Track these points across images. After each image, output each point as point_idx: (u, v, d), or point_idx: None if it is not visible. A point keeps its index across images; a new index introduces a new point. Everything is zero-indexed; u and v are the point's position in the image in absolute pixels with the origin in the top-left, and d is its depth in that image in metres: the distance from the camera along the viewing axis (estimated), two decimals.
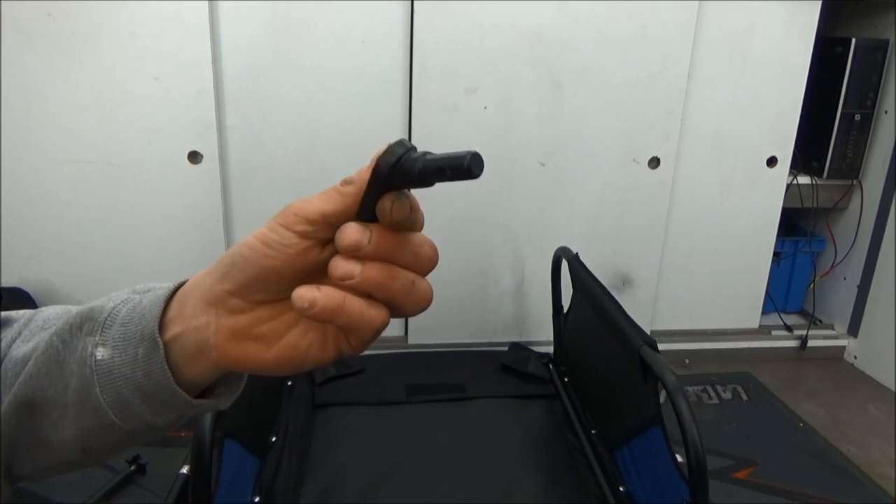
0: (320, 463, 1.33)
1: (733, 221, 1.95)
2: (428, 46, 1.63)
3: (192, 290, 0.36)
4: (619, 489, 1.24)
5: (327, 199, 0.33)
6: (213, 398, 0.39)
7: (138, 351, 0.35)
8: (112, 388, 0.36)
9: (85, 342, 0.36)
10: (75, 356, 0.36)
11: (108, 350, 0.35)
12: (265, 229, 0.33)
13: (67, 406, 0.37)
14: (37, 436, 0.38)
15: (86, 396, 0.36)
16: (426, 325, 1.88)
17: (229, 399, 0.40)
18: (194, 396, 0.37)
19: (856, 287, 2.03)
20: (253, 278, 0.34)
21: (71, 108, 1.56)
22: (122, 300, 0.37)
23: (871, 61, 1.87)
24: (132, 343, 0.35)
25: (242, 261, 0.34)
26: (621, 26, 1.69)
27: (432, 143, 0.36)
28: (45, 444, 0.39)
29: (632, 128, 1.78)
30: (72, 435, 0.37)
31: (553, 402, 1.58)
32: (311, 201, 0.33)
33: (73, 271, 1.68)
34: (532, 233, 1.85)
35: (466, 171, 0.30)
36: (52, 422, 0.37)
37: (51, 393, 0.37)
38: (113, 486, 1.35)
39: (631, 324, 1.20)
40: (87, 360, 0.35)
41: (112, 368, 0.35)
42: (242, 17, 1.59)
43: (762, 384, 1.91)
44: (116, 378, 0.35)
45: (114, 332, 0.36)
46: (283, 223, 0.33)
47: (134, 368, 0.35)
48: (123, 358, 0.35)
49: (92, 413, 0.36)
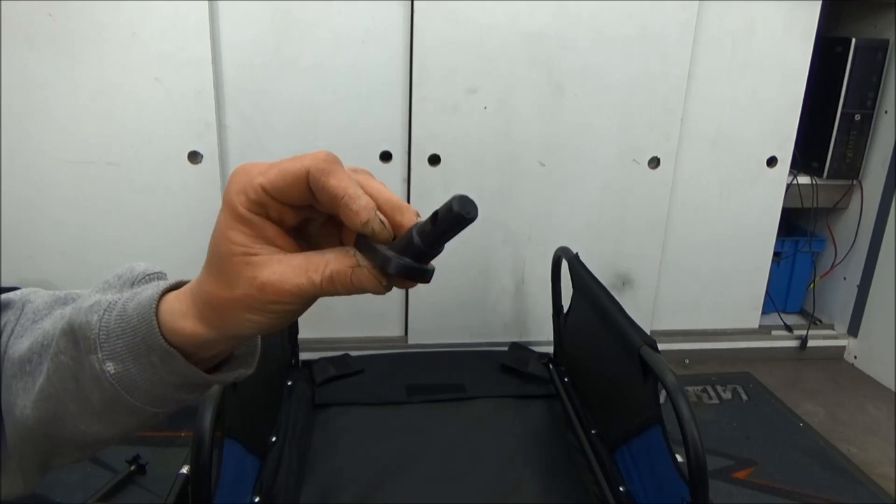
0: (320, 463, 1.33)
1: (733, 221, 1.95)
2: (428, 46, 1.63)
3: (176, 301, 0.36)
4: (619, 489, 1.24)
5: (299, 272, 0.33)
6: (235, 367, 0.40)
7: (152, 359, 0.35)
8: (142, 391, 0.36)
9: (90, 360, 0.36)
10: (86, 373, 0.36)
11: (119, 364, 0.35)
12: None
13: (96, 414, 0.38)
14: (69, 440, 0.40)
15: (117, 403, 0.37)
16: (426, 325, 1.88)
17: (253, 361, 0.40)
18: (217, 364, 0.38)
19: (856, 287, 2.03)
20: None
21: (71, 108, 1.56)
22: (104, 308, 0.36)
23: (871, 61, 1.87)
24: (141, 354, 0.35)
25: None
26: (621, 26, 1.69)
27: (432, 143, 0.36)
28: (81, 445, 0.41)
29: (632, 128, 1.78)
30: (111, 433, 0.39)
31: (553, 402, 1.58)
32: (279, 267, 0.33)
33: (73, 271, 1.68)
34: (532, 233, 1.85)
35: (457, 215, 0.30)
36: (81, 430, 0.39)
37: (74, 407, 0.38)
38: (113, 486, 1.35)
39: (631, 324, 1.20)
40: (100, 376, 0.36)
41: (133, 377, 0.36)
42: (242, 17, 1.59)
43: (762, 384, 1.91)
44: (142, 384, 0.36)
45: (113, 345, 0.35)
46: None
47: (156, 373, 0.36)
48: (139, 367, 0.36)
49: (130, 413, 0.37)
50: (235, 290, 0.33)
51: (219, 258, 0.33)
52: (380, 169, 1.73)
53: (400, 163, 1.75)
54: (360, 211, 0.31)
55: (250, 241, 0.33)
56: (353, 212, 0.31)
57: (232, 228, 0.33)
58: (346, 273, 0.32)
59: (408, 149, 1.73)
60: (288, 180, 0.32)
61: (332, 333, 1.87)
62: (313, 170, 0.31)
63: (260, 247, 0.33)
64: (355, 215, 0.31)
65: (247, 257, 0.33)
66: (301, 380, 1.61)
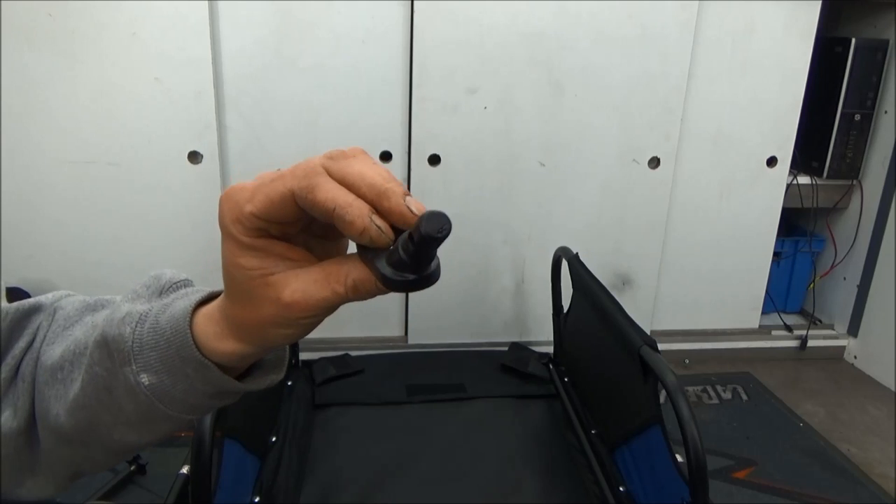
0: (320, 463, 1.33)
1: (733, 221, 1.95)
2: (428, 46, 1.63)
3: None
4: (619, 489, 1.24)
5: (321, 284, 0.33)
6: (266, 373, 0.40)
7: (187, 371, 0.36)
8: (176, 401, 0.37)
9: (124, 372, 0.36)
10: (120, 384, 0.37)
11: (153, 375, 0.36)
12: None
13: (130, 424, 0.38)
14: (103, 447, 0.41)
15: (151, 413, 0.37)
16: (426, 325, 1.88)
17: (283, 366, 0.41)
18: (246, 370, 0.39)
19: (856, 287, 2.03)
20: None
21: (71, 108, 1.56)
22: (136, 320, 0.36)
23: (871, 61, 1.87)
24: (175, 366, 0.36)
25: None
26: (621, 26, 1.69)
27: (432, 143, 0.36)
28: (114, 452, 0.42)
29: (632, 128, 1.78)
30: (145, 441, 0.40)
31: (553, 402, 1.58)
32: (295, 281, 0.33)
33: (73, 271, 1.68)
34: (532, 233, 1.85)
35: (427, 237, 0.29)
36: (115, 439, 0.39)
37: (107, 417, 0.38)
38: (113, 486, 1.35)
39: (631, 324, 1.20)
40: (135, 388, 0.36)
41: (167, 388, 0.36)
42: (242, 18, 1.59)
43: (762, 384, 1.91)
44: (177, 394, 0.36)
45: (147, 357, 0.36)
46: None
47: (191, 384, 0.36)
48: (174, 379, 0.36)
49: (165, 421, 0.38)
50: (262, 311, 0.33)
51: (237, 285, 0.33)
52: None
53: (400, 163, 1.75)
54: (354, 221, 0.30)
55: (262, 263, 0.33)
56: (348, 223, 0.30)
57: (241, 256, 0.33)
58: (371, 281, 0.32)
59: (408, 149, 1.73)
60: (276, 205, 0.31)
61: (332, 333, 1.87)
62: (297, 189, 0.30)
63: (274, 265, 0.33)
64: (350, 226, 0.30)
65: (264, 279, 0.32)
66: (301, 380, 1.61)
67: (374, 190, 0.31)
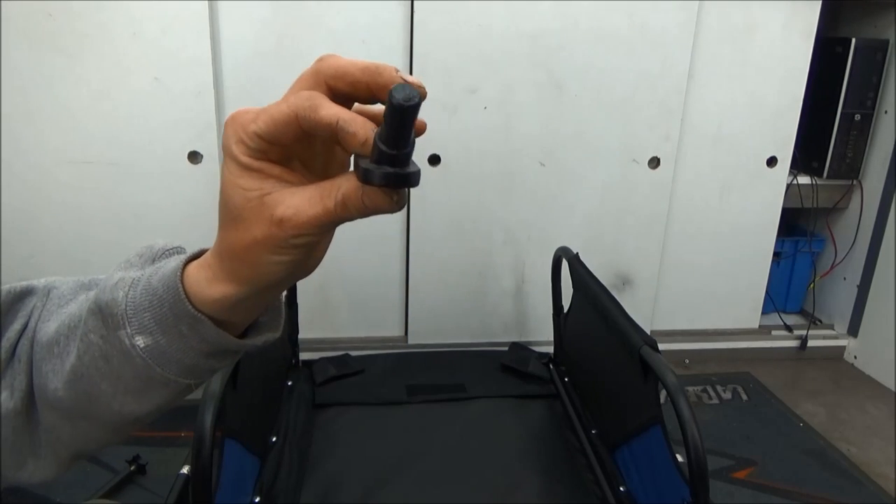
0: (320, 463, 1.33)
1: (733, 221, 1.95)
2: (428, 46, 1.63)
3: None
4: (620, 489, 1.24)
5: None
6: (262, 331, 0.40)
7: (181, 329, 0.36)
8: (173, 362, 0.37)
9: (119, 337, 0.36)
10: (116, 349, 0.37)
11: (148, 337, 0.36)
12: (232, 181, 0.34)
13: (129, 391, 0.38)
14: (104, 421, 0.41)
15: (149, 378, 0.37)
16: (426, 325, 1.88)
17: (279, 325, 0.41)
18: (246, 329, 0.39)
19: (856, 287, 2.03)
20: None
21: (71, 108, 1.56)
22: (128, 284, 0.37)
23: (871, 61, 1.87)
24: (169, 324, 0.36)
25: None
26: (621, 26, 1.69)
27: (432, 143, 0.36)
28: (115, 426, 0.41)
29: (632, 128, 1.78)
30: (145, 410, 0.40)
31: (553, 402, 1.58)
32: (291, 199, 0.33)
33: (73, 271, 1.66)
34: (532, 233, 1.85)
35: (399, 107, 0.30)
36: (115, 410, 0.39)
37: (106, 385, 0.38)
38: (113, 486, 1.35)
39: (631, 324, 1.20)
40: (130, 351, 0.36)
41: (163, 349, 0.36)
42: (242, 17, 1.59)
43: (762, 384, 1.91)
44: (173, 354, 0.36)
45: (141, 318, 0.36)
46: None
47: (186, 343, 0.36)
48: (169, 339, 0.36)
49: (163, 387, 0.38)
50: (256, 232, 0.33)
51: (234, 207, 0.34)
52: None
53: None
54: (357, 132, 0.31)
55: (261, 183, 0.33)
56: (351, 134, 0.31)
57: (240, 177, 0.33)
58: (358, 194, 0.32)
59: None
60: (280, 126, 0.32)
61: (332, 333, 1.87)
62: (300, 110, 0.32)
63: (271, 186, 0.33)
64: (353, 137, 0.31)
65: (261, 198, 0.33)
66: (301, 380, 1.61)
67: (367, 71, 0.33)
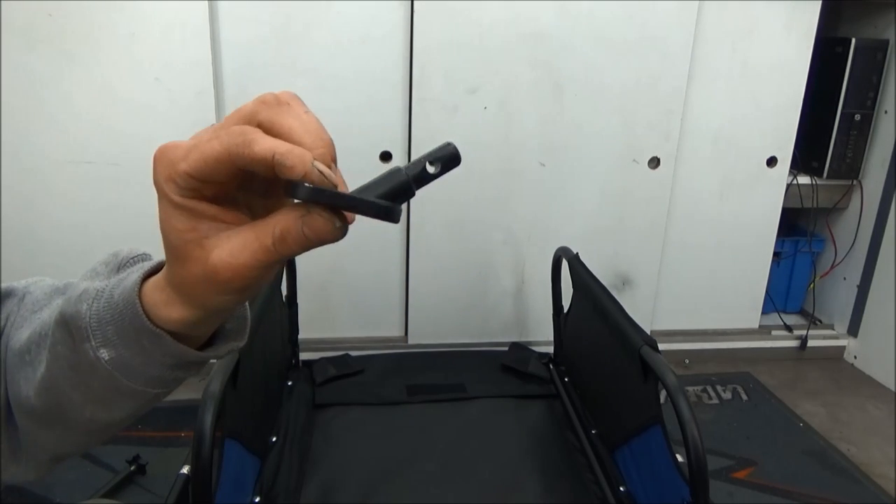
0: (320, 463, 1.33)
1: (733, 221, 1.95)
2: (428, 47, 1.63)
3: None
4: (620, 489, 1.24)
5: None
6: (227, 340, 0.40)
7: (143, 343, 0.35)
8: (138, 374, 0.36)
9: (84, 349, 0.36)
10: (82, 361, 0.37)
11: (112, 350, 0.36)
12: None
13: (98, 401, 0.38)
14: (77, 427, 0.40)
15: (117, 389, 0.37)
16: (426, 325, 1.88)
17: (244, 333, 0.40)
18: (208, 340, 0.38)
19: (856, 287, 2.03)
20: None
21: (71, 108, 1.56)
22: (92, 296, 0.36)
23: (871, 61, 1.87)
24: (130, 338, 0.36)
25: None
26: (621, 27, 1.69)
27: (432, 144, 0.36)
28: (91, 431, 0.41)
29: (632, 128, 1.78)
30: (118, 417, 0.40)
31: (553, 402, 1.58)
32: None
33: (73, 271, 1.67)
34: (532, 233, 1.85)
35: (453, 154, 0.31)
36: (87, 417, 0.39)
37: (76, 395, 0.38)
38: (113, 486, 1.36)
39: (631, 324, 1.20)
40: (95, 364, 0.36)
41: (127, 362, 0.36)
42: (242, 18, 1.59)
43: (762, 384, 1.91)
44: (138, 367, 0.36)
45: (104, 331, 0.36)
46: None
47: (149, 356, 0.36)
48: (132, 352, 0.36)
49: (131, 397, 0.38)
50: (196, 272, 0.32)
51: (171, 246, 0.33)
52: (380, 169, 1.73)
53: (400, 163, 1.74)
54: (295, 165, 0.28)
55: (195, 224, 0.32)
56: (289, 168, 0.28)
57: (173, 216, 0.32)
58: (297, 226, 0.30)
59: (408, 149, 1.73)
60: (210, 164, 0.30)
61: (332, 333, 1.87)
62: (233, 147, 0.29)
63: (206, 227, 0.32)
64: (291, 171, 0.28)
65: (197, 241, 0.32)
66: (301, 380, 1.61)
67: (310, 136, 0.30)
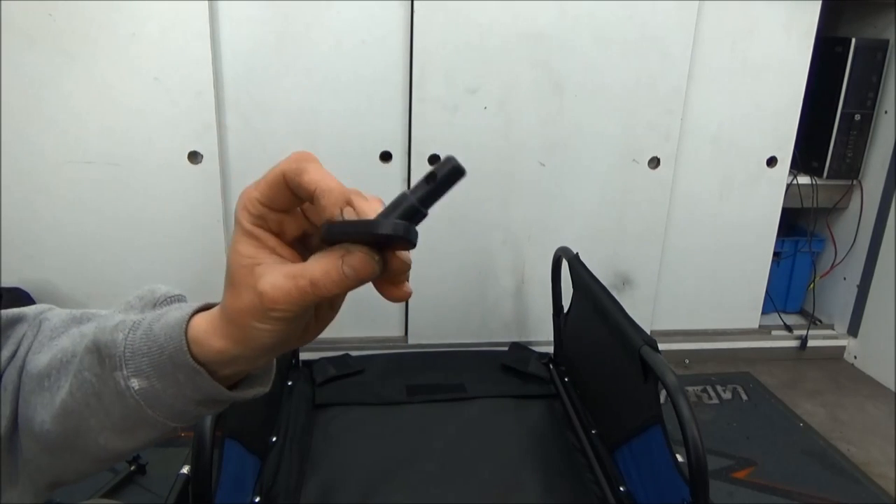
0: (320, 463, 1.33)
1: (733, 221, 1.95)
2: (428, 47, 1.63)
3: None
4: (620, 489, 1.24)
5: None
6: (253, 385, 0.42)
7: (178, 377, 0.37)
8: (164, 407, 0.38)
9: (114, 377, 0.37)
10: (109, 389, 0.37)
11: (144, 380, 0.37)
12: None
13: (116, 429, 0.39)
14: (87, 454, 0.41)
15: (139, 418, 0.38)
16: (426, 325, 1.88)
17: (269, 380, 0.43)
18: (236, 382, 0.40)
19: (856, 287, 2.03)
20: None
21: (71, 108, 1.56)
22: (129, 327, 0.38)
23: (871, 61, 1.87)
24: (167, 371, 0.37)
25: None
26: (621, 27, 1.69)
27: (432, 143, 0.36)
28: (98, 459, 0.42)
29: (632, 128, 1.78)
30: (129, 447, 0.41)
31: (553, 402, 1.58)
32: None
33: (73, 271, 1.68)
34: (532, 233, 1.85)
35: (456, 168, 0.32)
36: (100, 444, 0.40)
37: (94, 422, 0.39)
38: (113, 486, 1.35)
39: (631, 324, 1.20)
40: (124, 392, 0.37)
41: (157, 393, 0.37)
42: (242, 18, 1.59)
43: (762, 384, 1.91)
44: (166, 399, 0.37)
45: (139, 362, 0.37)
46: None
47: (180, 390, 0.37)
48: (164, 384, 0.37)
49: (151, 428, 0.39)
50: (245, 298, 0.34)
51: (231, 273, 0.35)
52: (380, 169, 1.73)
53: (400, 163, 1.75)
54: (327, 207, 0.32)
55: (255, 251, 0.35)
56: (322, 207, 0.32)
57: (240, 242, 0.35)
58: (337, 265, 0.33)
59: (408, 149, 1.73)
60: (273, 187, 0.34)
61: (332, 333, 1.86)
62: (287, 170, 0.33)
63: (264, 256, 0.35)
64: (323, 212, 0.32)
65: (252, 267, 0.35)
66: (301, 380, 1.61)
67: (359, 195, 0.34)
